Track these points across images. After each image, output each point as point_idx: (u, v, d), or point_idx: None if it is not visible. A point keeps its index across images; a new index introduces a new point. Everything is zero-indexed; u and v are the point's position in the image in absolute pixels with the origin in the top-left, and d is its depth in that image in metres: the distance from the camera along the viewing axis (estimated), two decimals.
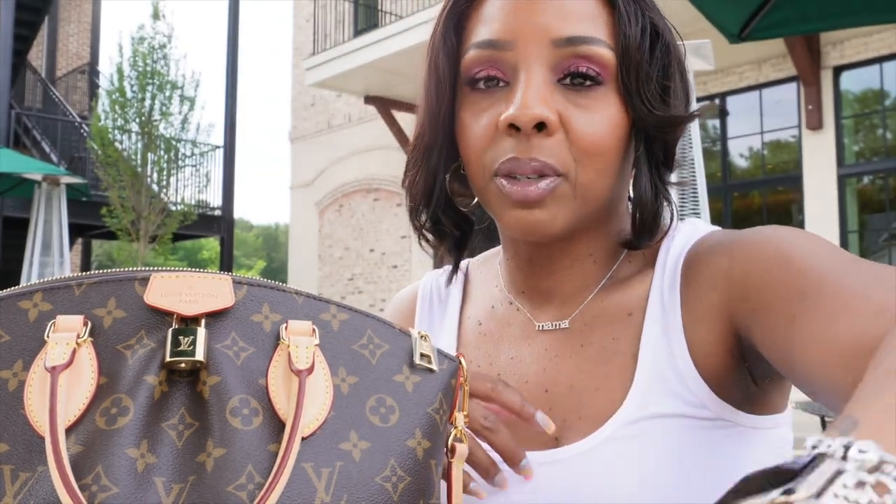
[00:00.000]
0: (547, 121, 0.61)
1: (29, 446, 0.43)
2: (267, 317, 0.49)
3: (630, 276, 0.70)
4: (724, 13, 2.71)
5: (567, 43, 0.63)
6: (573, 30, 0.63)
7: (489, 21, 0.65)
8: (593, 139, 0.62)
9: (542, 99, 0.62)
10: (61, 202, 7.51)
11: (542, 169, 0.62)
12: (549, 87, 0.63)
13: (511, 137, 0.63)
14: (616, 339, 0.67)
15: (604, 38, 0.63)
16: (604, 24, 0.64)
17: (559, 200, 0.63)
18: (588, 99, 0.63)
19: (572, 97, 0.63)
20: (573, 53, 0.63)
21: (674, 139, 0.67)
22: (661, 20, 0.67)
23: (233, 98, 11.82)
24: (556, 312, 0.71)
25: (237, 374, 0.46)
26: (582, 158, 0.63)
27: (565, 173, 0.63)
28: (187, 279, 0.48)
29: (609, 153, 0.63)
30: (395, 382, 0.51)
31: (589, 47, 0.63)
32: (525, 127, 0.62)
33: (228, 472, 0.43)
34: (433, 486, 0.50)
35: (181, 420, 0.45)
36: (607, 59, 0.63)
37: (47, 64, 14.72)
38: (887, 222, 7.03)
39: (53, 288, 0.48)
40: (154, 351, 0.46)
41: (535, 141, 0.62)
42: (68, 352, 0.45)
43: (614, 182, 0.65)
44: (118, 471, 0.42)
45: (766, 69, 7.40)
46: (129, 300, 0.47)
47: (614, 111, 0.63)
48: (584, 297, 0.70)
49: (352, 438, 0.47)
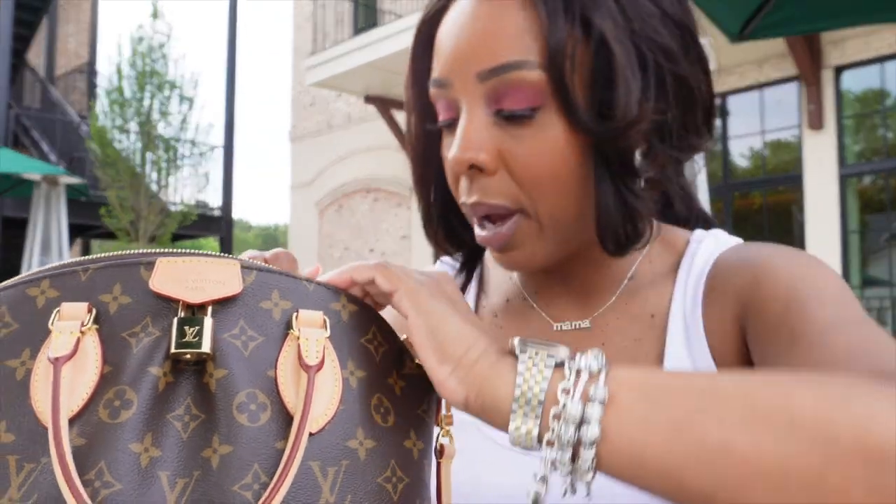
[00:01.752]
0: (479, 163, 0.59)
1: (34, 437, 0.42)
2: (276, 304, 0.48)
3: (652, 277, 0.69)
4: (725, 13, 2.71)
5: (491, 74, 0.58)
6: (495, 58, 0.58)
7: (437, 55, 0.63)
8: (538, 171, 0.59)
9: (476, 141, 0.59)
10: (60, 202, 7.50)
11: (490, 211, 0.61)
12: (486, 124, 0.60)
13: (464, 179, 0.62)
14: (638, 341, 0.66)
15: (532, 58, 0.57)
16: (532, 38, 0.58)
17: (528, 238, 0.61)
18: (527, 129, 0.59)
19: (511, 129, 0.59)
20: (501, 84, 0.58)
21: (626, 148, 0.59)
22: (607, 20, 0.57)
23: (232, 98, 11.83)
24: (576, 313, 0.70)
25: (245, 366, 0.45)
26: (532, 192, 0.60)
27: (520, 209, 0.60)
28: (194, 264, 0.47)
29: (560, 179, 0.59)
30: (387, 384, 0.50)
31: (515, 73, 0.58)
32: (462, 172, 0.60)
33: (234, 471, 0.42)
34: (427, 488, 0.50)
35: (187, 411, 0.44)
36: (536, 81, 0.57)
37: (46, 64, 14.72)
38: (888, 222, 7.04)
39: (60, 274, 0.47)
40: (159, 340, 0.45)
41: (479, 183, 0.61)
42: (72, 341, 0.44)
43: (582, 202, 0.61)
44: (121, 466, 0.41)
45: (766, 69, 7.40)
46: (135, 285, 0.46)
47: (558, 134, 0.58)
48: (605, 298, 0.69)
49: (358, 436, 0.46)
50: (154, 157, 10.45)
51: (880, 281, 7.07)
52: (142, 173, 10.23)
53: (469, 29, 0.59)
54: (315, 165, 12.24)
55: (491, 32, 0.58)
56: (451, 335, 0.48)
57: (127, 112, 10.33)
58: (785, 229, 7.62)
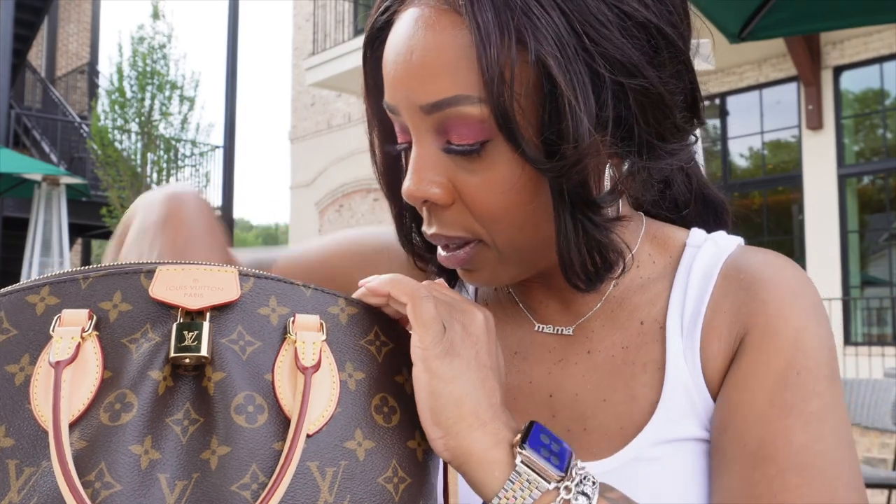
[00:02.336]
0: (433, 198, 0.56)
1: (34, 441, 0.43)
2: (274, 310, 0.49)
3: (642, 282, 0.65)
4: (724, 13, 2.71)
5: (434, 109, 0.54)
6: (435, 92, 0.53)
7: (384, 78, 0.58)
8: (492, 205, 0.55)
9: (428, 176, 0.56)
10: (61, 202, 7.50)
11: (449, 242, 0.59)
12: (437, 158, 0.56)
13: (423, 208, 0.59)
14: (626, 349, 0.63)
15: (470, 91, 0.52)
16: (469, 67, 0.52)
17: (487, 263, 0.59)
18: (476, 163, 0.55)
19: (462, 163, 0.56)
20: (445, 118, 0.54)
21: (583, 181, 0.53)
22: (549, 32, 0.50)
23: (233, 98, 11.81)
24: (559, 318, 0.67)
25: (242, 370, 0.46)
26: (487, 224, 0.57)
27: (478, 238, 0.58)
28: (193, 271, 0.48)
29: (516, 213, 0.56)
30: (395, 382, 0.50)
31: (455, 109, 0.53)
32: (417, 206, 0.58)
33: (232, 471, 0.43)
34: (433, 489, 0.50)
35: (186, 415, 0.45)
36: (479, 115, 0.53)
37: (47, 64, 14.71)
38: (887, 222, 7.03)
39: (61, 281, 0.47)
40: (159, 345, 0.46)
41: (436, 215, 0.58)
42: (73, 346, 0.44)
43: (543, 230, 0.57)
44: (121, 468, 0.42)
45: (766, 69, 7.40)
46: (135, 293, 0.47)
47: (507, 168, 0.54)
48: (589, 304, 0.66)
49: (357, 437, 0.47)
50: (155, 157, 10.45)
51: (879, 281, 7.07)
52: (142, 173, 10.23)
53: (408, 56, 0.55)
54: (315, 165, 12.23)
55: (429, 62, 0.53)
56: (449, 402, 0.48)
57: (128, 112, 10.33)
58: (784, 229, 7.62)
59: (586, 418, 0.62)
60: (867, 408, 4.61)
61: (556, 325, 0.67)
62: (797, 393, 0.55)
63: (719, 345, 0.60)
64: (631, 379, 0.62)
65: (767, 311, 0.58)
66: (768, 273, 0.60)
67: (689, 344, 0.61)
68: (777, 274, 0.60)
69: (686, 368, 0.60)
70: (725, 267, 0.63)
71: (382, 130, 0.65)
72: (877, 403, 4.57)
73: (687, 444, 0.59)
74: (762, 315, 0.58)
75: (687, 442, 0.59)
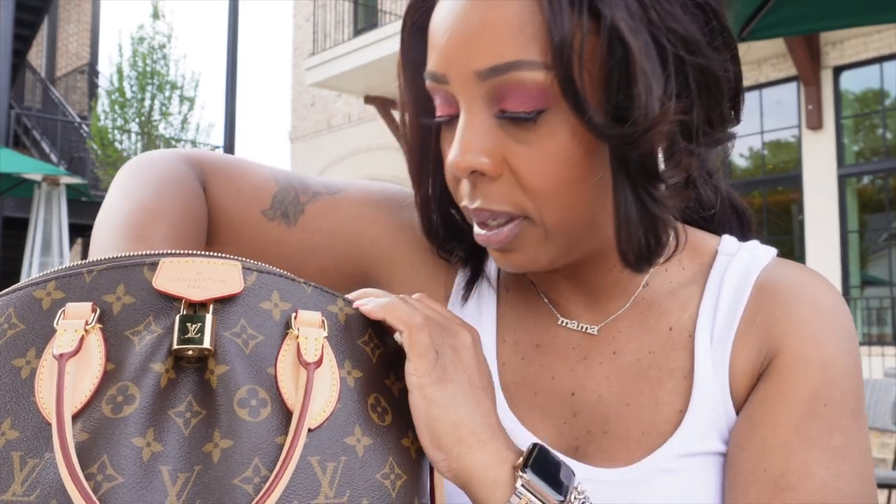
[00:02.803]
0: (482, 169, 0.54)
1: (38, 433, 0.43)
2: (276, 305, 0.49)
3: (671, 287, 0.63)
4: None
5: (491, 73, 0.52)
6: (495, 56, 0.52)
7: (432, 46, 0.56)
8: (545, 178, 0.53)
9: (477, 144, 0.54)
10: (61, 202, 7.50)
11: (494, 217, 0.56)
12: (487, 126, 0.54)
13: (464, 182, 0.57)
14: (653, 353, 0.61)
15: (535, 57, 0.51)
16: (536, 33, 0.51)
17: (532, 243, 0.56)
18: (532, 132, 0.53)
19: (515, 132, 0.54)
20: (502, 83, 0.53)
21: (648, 151, 0.52)
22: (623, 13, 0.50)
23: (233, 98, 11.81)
24: (585, 315, 0.65)
25: (245, 363, 0.46)
26: (538, 199, 0.54)
27: (525, 215, 0.55)
28: (196, 264, 0.48)
29: (571, 187, 0.54)
30: (384, 385, 0.51)
31: (516, 74, 0.52)
32: (463, 177, 0.56)
33: (235, 465, 0.43)
34: (425, 487, 0.50)
35: (188, 408, 0.45)
36: (541, 82, 0.51)
37: (47, 64, 14.72)
38: (887, 222, 7.04)
39: (66, 276, 0.48)
40: (161, 338, 0.46)
41: (480, 188, 0.56)
42: (76, 339, 0.45)
43: (595, 210, 0.56)
44: (124, 460, 0.42)
45: (766, 69, 7.40)
46: (138, 285, 0.47)
47: (566, 138, 0.53)
48: (616, 304, 0.64)
49: (356, 433, 0.47)
50: None
51: (879, 280, 7.07)
52: None
53: (466, 21, 0.53)
54: (315, 165, 12.23)
55: (490, 26, 0.52)
56: (447, 426, 0.49)
57: (128, 112, 10.35)
58: (784, 229, 7.62)
59: (608, 421, 0.61)
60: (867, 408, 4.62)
61: (580, 322, 0.65)
62: (823, 425, 0.55)
63: (748, 359, 0.59)
64: (657, 385, 0.60)
65: (800, 334, 0.57)
66: (805, 293, 0.59)
67: (718, 355, 0.59)
68: (813, 295, 0.59)
69: (714, 379, 0.59)
70: (760, 279, 0.61)
71: (417, 104, 0.62)
72: (877, 403, 4.57)
73: (710, 458, 0.57)
74: (795, 337, 0.57)
75: (710, 456, 0.57)
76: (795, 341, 0.57)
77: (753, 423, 0.56)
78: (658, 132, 0.51)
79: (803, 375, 0.56)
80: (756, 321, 0.59)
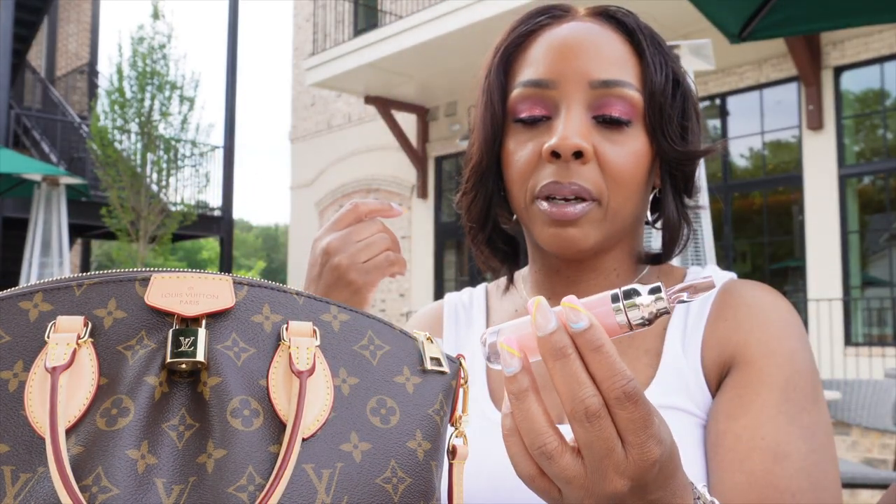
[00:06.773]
0: (584, 150, 0.71)
1: (29, 447, 0.43)
2: (267, 317, 0.49)
3: None
4: (724, 13, 2.71)
5: (602, 85, 0.72)
6: (608, 74, 0.73)
7: (534, 63, 0.75)
8: (623, 169, 0.72)
9: (580, 132, 0.71)
10: (61, 202, 7.51)
11: (580, 192, 0.72)
12: (586, 123, 0.73)
13: (552, 164, 0.72)
14: (632, 338, 0.76)
15: (633, 83, 0.73)
16: (633, 70, 0.74)
17: (592, 222, 0.73)
18: (618, 135, 0.73)
19: (605, 133, 0.73)
20: (607, 94, 0.73)
21: (692, 170, 0.77)
22: (680, 69, 0.77)
23: (232, 98, 11.82)
24: None
25: (238, 375, 0.46)
26: (612, 185, 0.72)
27: (598, 198, 0.72)
28: (188, 280, 0.48)
29: (635, 182, 0.73)
30: (395, 384, 0.51)
31: (621, 89, 0.73)
32: (565, 154, 0.71)
33: (229, 474, 0.43)
34: (434, 488, 0.50)
35: (181, 421, 0.45)
36: (636, 101, 0.73)
37: (47, 64, 14.73)
38: (888, 222, 7.04)
39: (54, 288, 0.47)
40: (154, 352, 0.46)
41: (573, 168, 0.72)
42: (69, 352, 0.44)
43: (638, 207, 0.76)
44: (118, 472, 0.42)
45: (766, 69, 7.40)
46: (130, 301, 0.47)
47: (640, 146, 0.74)
48: None
49: (352, 439, 0.47)
50: (154, 157, 10.46)
51: (880, 281, 7.07)
52: (142, 173, 10.23)
53: (585, 43, 0.74)
54: (315, 165, 12.24)
55: (605, 51, 0.73)
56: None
57: (127, 112, 10.34)
58: (784, 229, 7.62)
59: None
60: (867, 408, 4.61)
61: None
62: (795, 407, 0.67)
63: (719, 342, 0.72)
64: (633, 360, 0.75)
65: (768, 331, 0.71)
66: (766, 301, 0.74)
67: (690, 339, 0.74)
68: (773, 303, 0.74)
69: (683, 358, 0.73)
70: (725, 286, 0.76)
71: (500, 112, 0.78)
72: (877, 404, 4.57)
73: (677, 413, 0.70)
74: (763, 333, 0.71)
75: (677, 411, 0.70)
76: (764, 336, 0.71)
77: (742, 399, 0.68)
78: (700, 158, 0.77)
79: (775, 365, 0.69)
80: (725, 316, 0.74)
